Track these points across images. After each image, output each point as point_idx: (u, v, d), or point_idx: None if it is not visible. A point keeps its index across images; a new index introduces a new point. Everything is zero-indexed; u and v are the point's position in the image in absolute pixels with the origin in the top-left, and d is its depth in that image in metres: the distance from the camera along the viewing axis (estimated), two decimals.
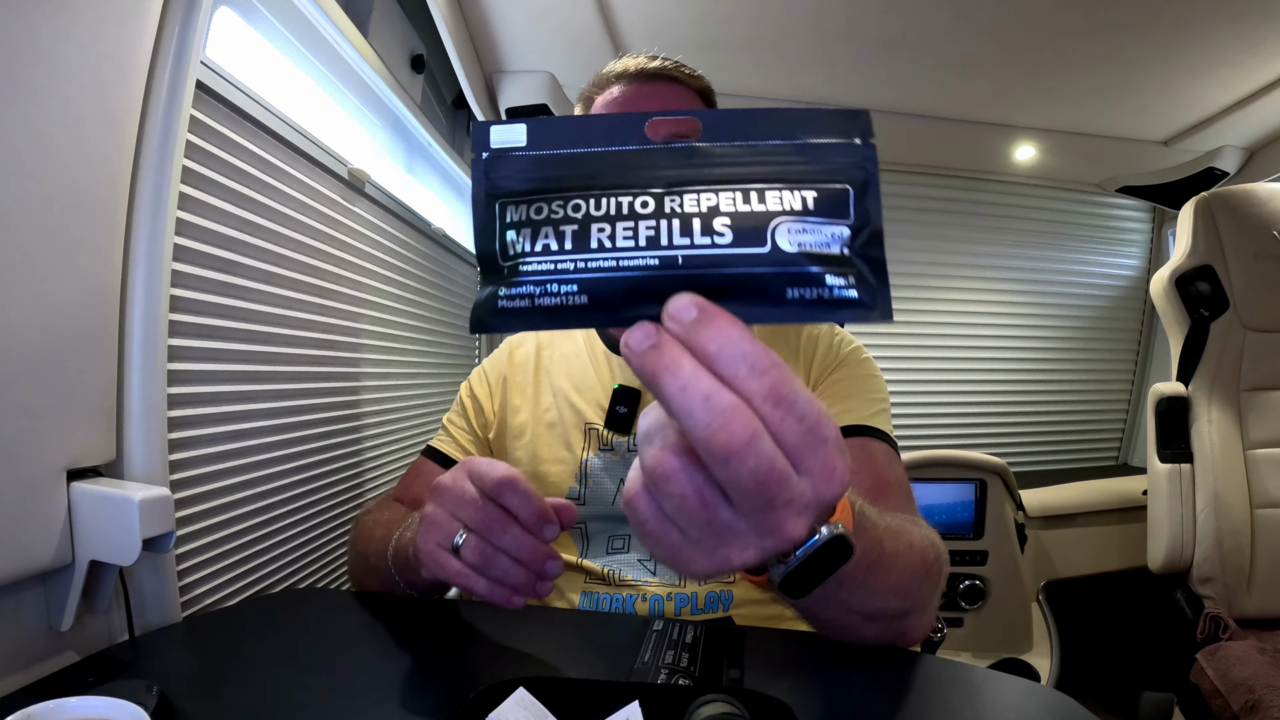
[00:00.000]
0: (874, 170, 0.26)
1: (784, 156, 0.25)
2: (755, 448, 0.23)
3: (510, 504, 0.46)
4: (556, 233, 0.25)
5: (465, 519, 0.47)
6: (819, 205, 0.25)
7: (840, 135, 0.26)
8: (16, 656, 0.50)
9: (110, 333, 0.56)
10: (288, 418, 0.84)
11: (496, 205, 0.26)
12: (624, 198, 0.25)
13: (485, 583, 0.47)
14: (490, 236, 0.26)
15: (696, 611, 0.69)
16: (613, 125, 0.26)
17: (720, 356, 0.23)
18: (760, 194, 0.25)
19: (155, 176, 0.59)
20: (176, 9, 0.60)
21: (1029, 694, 0.49)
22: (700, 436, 0.23)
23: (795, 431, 0.23)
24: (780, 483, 0.23)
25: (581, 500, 0.73)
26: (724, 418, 0.22)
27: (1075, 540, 1.71)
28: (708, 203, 0.25)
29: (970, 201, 2.10)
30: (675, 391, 0.23)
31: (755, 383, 0.23)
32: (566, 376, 0.78)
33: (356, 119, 1.11)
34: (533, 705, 0.41)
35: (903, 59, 1.41)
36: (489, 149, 0.26)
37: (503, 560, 0.46)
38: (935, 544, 0.55)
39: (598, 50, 1.34)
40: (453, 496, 0.48)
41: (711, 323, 0.23)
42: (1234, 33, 1.24)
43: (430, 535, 0.48)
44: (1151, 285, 1.46)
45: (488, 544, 0.46)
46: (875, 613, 0.49)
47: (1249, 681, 1.07)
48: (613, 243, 0.25)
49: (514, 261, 0.26)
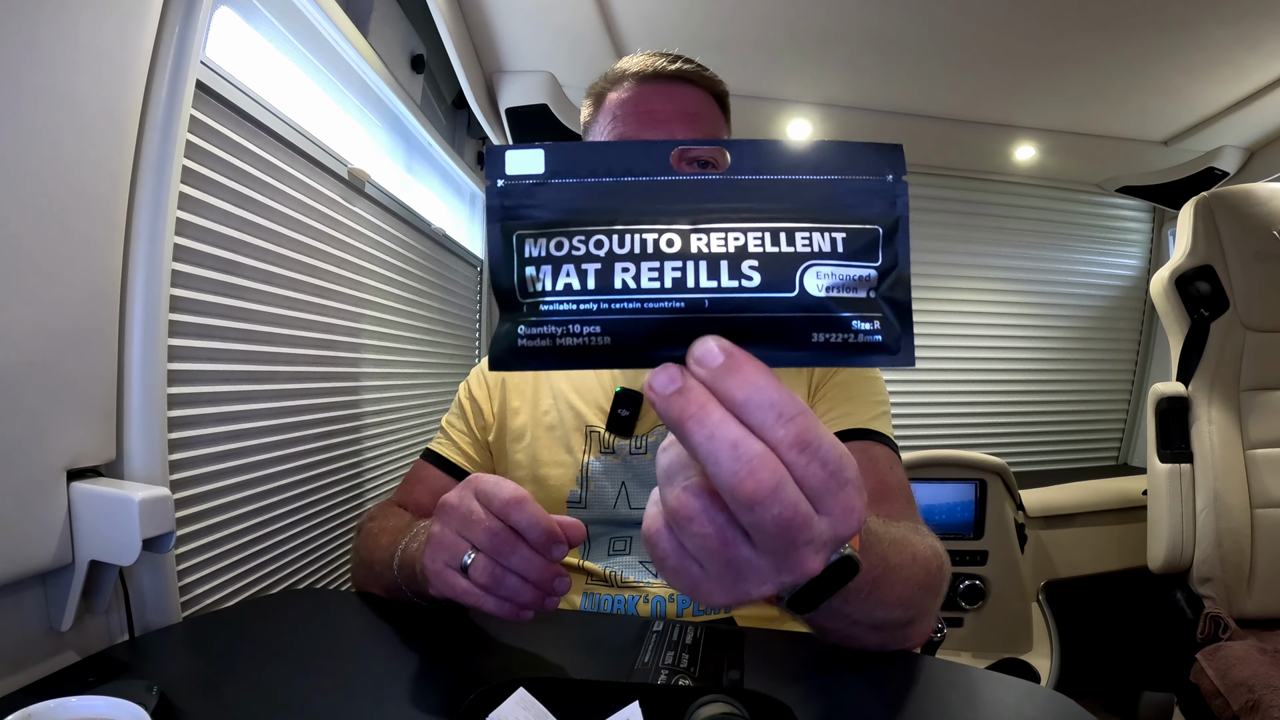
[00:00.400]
0: (904, 210, 0.25)
1: (814, 192, 0.25)
2: (780, 495, 0.23)
3: (518, 524, 0.46)
4: (579, 271, 0.24)
5: (473, 539, 0.47)
6: (847, 247, 0.24)
7: (873, 172, 0.25)
8: (16, 656, 0.50)
9: (110, 333, 0.56)
10: (288, 418, 0.84)
11: (514, 237, 0.25)
12: (649, 234, 0.24)
13: (494, 601, 0.47)
14: (508, 271, 0.25)
15: (699, 612, 0.69)
16: (636, 153, 0.25)
17: (748, 405, 0.23)
18: (790, 235, 0.24)
19: (155, 176, 0.59)
20: (176, 9, 0.60)
21: (1029, 695, 0.49)
22: (727, 484, 0.23)
23: (819, 476, 0.24)
24: (803, 526, 0.24)
25: (583, 503, 0.73)
26: (750, 466, 0.22)
27: (1075, 540, 1.71)
28: (735, 243, 0.24)
29: (970, 201, 2.10)
30: (703, 439, 0.23)
31: (782, 430, 0.23)
32: (566, 378, 0.78)
33: (356, 119, 1.11)
34: (533, 705, 0.41)
35: (903, 59, 1.41)
36: (505, 176, 0.25)
37: (511, 580, 0.46)
38: (938, 553, 0.55)
39: (598, 50, 1.34)
40: (459, 516, 0.47)
41: (740, 370, 0.23)
42: (1234, 33, 1.24)
43: (438, 555, 0.48)
44: (1151, 285, 1.46)
45: (496, 564, 0.46)
46: (880, 623, 0.50)
47: (1249, 681, 1.07)
48: (638, 283, 0.24)
49: (534, 299, 0.25)
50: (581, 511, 0.73)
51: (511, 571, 0.46)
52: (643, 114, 0.70)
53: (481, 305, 1.76)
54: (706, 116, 0.72)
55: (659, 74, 0.71)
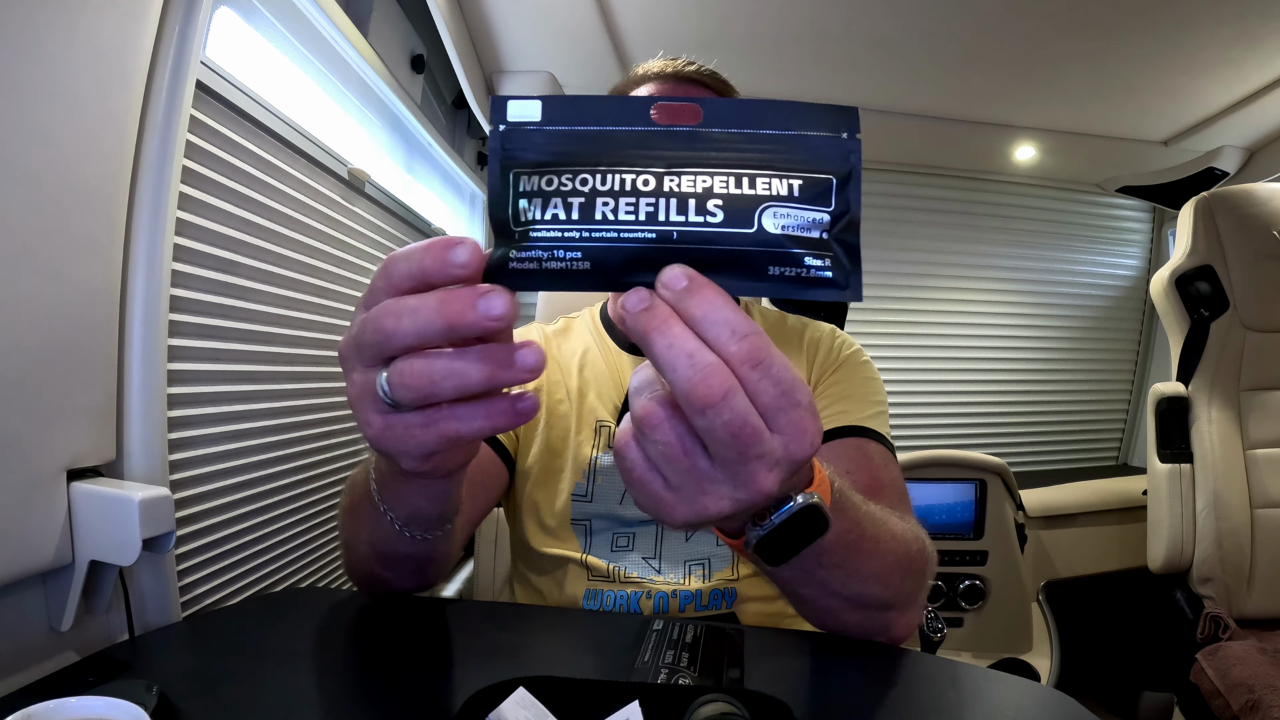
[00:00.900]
0: (857, 163, 0.28)
1: (776, 145, 0.28)
2: (730, 402, 0.26)
3: (400, 276, 0.29)
4: (565, 204, 0.27)
5: (373, 352, 0.29)
6: (803, 193, 0.27)
7: (830, 130, 0.28)
8: (16, 656, 0.50)
9: (110, 333, 0.56)
10: (288, 418, 0.84)
11: (510, 174, 0.28)
12: (627, 175, 0.27)
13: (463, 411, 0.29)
14: (504, 203, 0.28)
15: (701, 609, 0.69)
16: (621, 106, 0.28)
17: (704, 321, 0.26)
18: (751, 179, 0.27)
19: (155, 176, 0.59)
20: (176, 9, 0.60)
21: (1029, 694, 0.49)
22: (682, 389, 0.26)
23: (770, 393, 0.26)
24: (753, 437, 0.26)
25: (588, 497, 0.73)
26: (704, 374, 0.25)
27: (1075, 540, 1.71)
28: (703, 184, 0.27)
29: (970, 201, 2.10)
30: (663, 349, 0.26)
31: (735, 346, 0.26)
32: (579, 372, 0.78)
33: (356, 119, 1.11)
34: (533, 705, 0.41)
35: (903, 59, 1.41)
36: (506, 122, 0.28)
37: (440, 361, 0.28)
38: (920, 538, 0.55)
39: (598, 50, 1.34)
40: (349, 345, 0.31)
41: (699, 291, 0.26)
42: (1234, 33, 1.24)
43: (362, 409, 0.31)
44: (1151, 285, 1.46)
45: (413, 360, 0.28)
46: (856, 597, 0.49)
47: (1249, 681, 1.07)
48: (615, 216, 0.27)
49: (524, 227, 0.27)
50: (587, 505, 0.73)
51: (430, 345, 0.28)
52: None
53: None
54: None
55: (679, 75, 0.76)
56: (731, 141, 0.28)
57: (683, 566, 0.71)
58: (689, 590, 0.69)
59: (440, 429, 0.30)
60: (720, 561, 0.71)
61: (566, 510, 0.73)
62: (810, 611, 0.52)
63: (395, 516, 0.45)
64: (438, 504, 0.45)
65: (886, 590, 0.50)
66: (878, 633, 0.54)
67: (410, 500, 0.44)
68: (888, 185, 2.04)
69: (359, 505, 0.51)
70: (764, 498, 0.28)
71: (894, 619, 0.53)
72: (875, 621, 0.53)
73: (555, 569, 0.73)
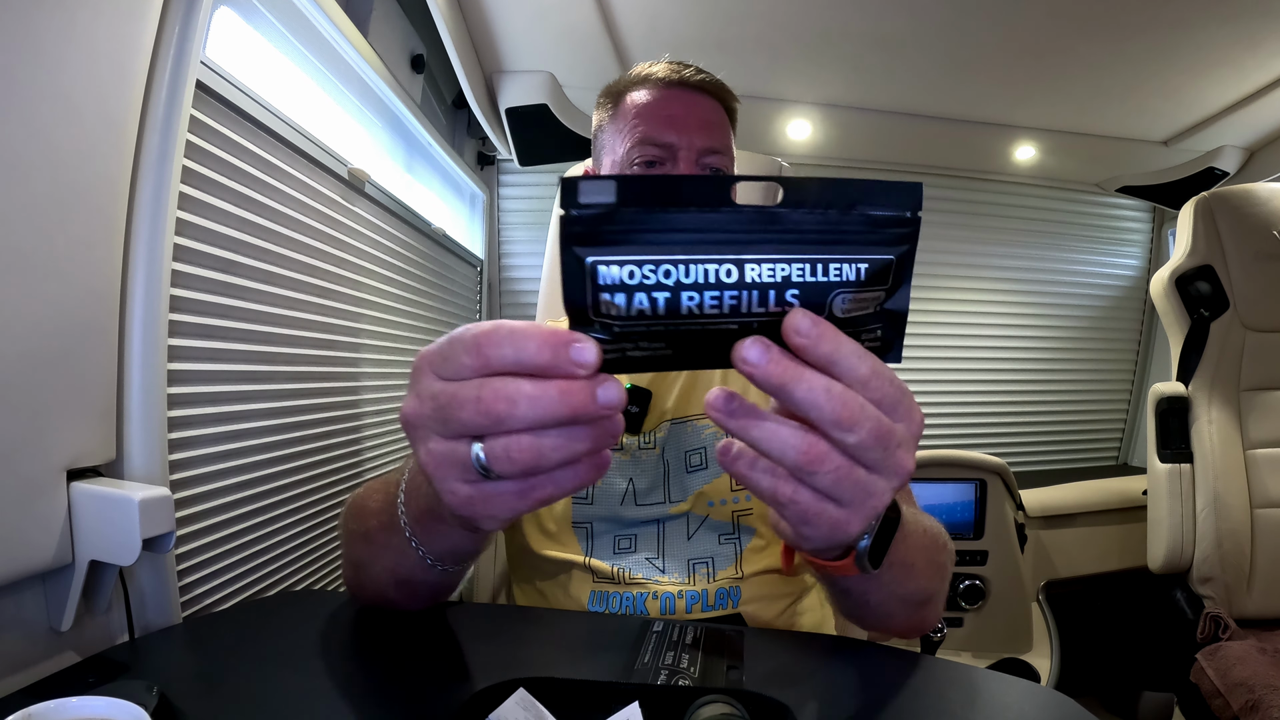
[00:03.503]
0: (915, 241, 0.30)
1: (848, 226, 0.29)
2: (867, 412, 0.30)
3: (504, 359, 0.29)
4: (649, 299, 0.27)
5: (463, 425, 0.30)
6: (868, 275, 0.29)
7: (896, 208, 0.29)
8: (16, 656, 0.50)
9: (110, 333, 0.56)
10: (288, 418, 0.84)
11: (588, 263, 0.27)
12: (710, 266, 0.27)
13: (557, 478, 0.32)
14: (582, 291, 0.27)
15: (708, 608, 0.69)
16: (701, 186, 0.27)
17: (837, 355, 0.29)
18: (824, 266, 0.29)
19: (155, 176, 0.59)
20: (176, 9, 0.60)
21: (1029, 694, 0.49)
22: (830, 419, 0.29)
23: (886, 392, 0.31)
24: (889, 432, 0.31)
25: (589, 499, 0.73)
26: (843, 401, 0.29)
27: (1075, 540, 1.71)
28: (782, 273, 0.28)
29: (970, 201, 2.10)
30: (804, 392, 0.29)
31: (862, 369, 0.30)
32: None
33: (356, 119, 1.11)
34: (533, 705, 0.41)
35: (903, 59, 1.41)
36: (578, 205, 0.27)
37: (549, 437, 0.30)
38: (941, 530, 0.58)
39: (598, 50, 1.34)
40: (430, 414, 0.31)
41: (832, 335, 0.29)
42: (1234, 33, 1.24)
43: (445, 478, 0.32)
44: (1151, 285, 1.46)
45: (517, 434, 0.30)
46: (909, 595, 0.52)
47: (1249, 681, 1.07)
48: (700, 310, 0.28)
49: (608, 320, 0.28)
50: (588, 508, 0.73)
51: (542, 427, 0.30)
52: (666, 117, 0.73)
53: (481, 305, 1.76)
54: (721, 126, 0.76)
55: (684, 82, 0.75)
56: (807, 224, 0.28)
57: (686, 566, 0.71)
58: (695, 590, 0.69)
59: (536, 496, 0.32)
60: (724, 561, 0.71)
61: (567, 513, 0.73)
62: (874, 618, 0.54)
63: (428, 551, 0.45)
64: (480, 542, 0.46)
65: (929, 584, 0.53)
66: (916, 627, 0.56)
67: (452, 540, 0.44)
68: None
69: (377, 534, 0.50)
70: (909, 475, 0.33)
71: (929, 612, 0.56)
72: (916, 616, 0.55)
73: (559, 572, 0.72)
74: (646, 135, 0.73)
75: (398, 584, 0.52)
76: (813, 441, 0.30)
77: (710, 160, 0.74)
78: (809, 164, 1.93)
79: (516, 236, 1.89)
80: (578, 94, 1.52)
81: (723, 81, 0.78)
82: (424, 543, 0.44)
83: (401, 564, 0.49)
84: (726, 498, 0.73)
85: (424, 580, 0.50)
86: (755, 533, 0.72)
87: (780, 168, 1.16)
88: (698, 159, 0.73)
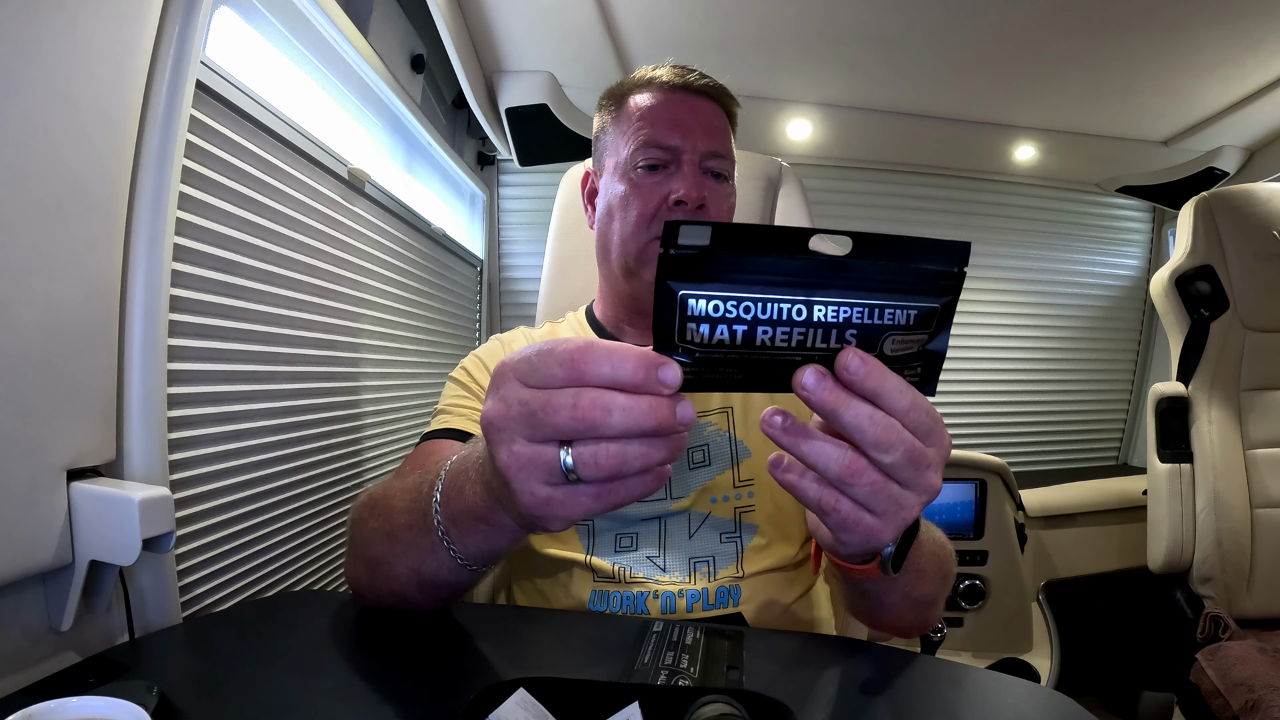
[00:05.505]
0: (959, 292, 0.34)
1: (905, 277, 0.33)
2: (903, 437, 0.35)
3: (600, 374, 0.33)
4: (729, 330, 0.32)
5: (554, 430, 0.33)
6: (915, 320, 0.34)
7: (945, 264, 0.33)
8: (16, 656, 0.50)
9: (110, 333, 0.56)
10: (288, 418, 0.84)
11: (679, 295, 0.31)
12: (785, 304, 0.32)
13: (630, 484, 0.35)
14: (671, 319, 0.32)
15: (709, 607, 0.69)
16: (784, 236, 0.31)
17: (883, 388, 0.34)
18: (880, 310, 0.33)
19: (155, 176, 0.59)
20: (176, 9, 0.60)
21: (1029, 694, 0.49)
22: (871, 441, 0.35)
23: (921, 421, 0.36)
24: (921, 455, 0.36)
25: None
26: (884, 428, 0.35)
27: (1075, 540, 1.71)
28: (844, 315, 0.33)
29: (970, 201, 2.10)
30: (851, 417, 0.34)
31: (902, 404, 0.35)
32: None
33: (356, 119, 1.11)
34: (533, 706, 0.41)
35: (903, 59, 1.41)
36: (677, 245, 0.30)
37: (632, 446, 0.33)
38: (948, 541, 0.61)
39: (598, 50, 1.34)
40: (518, 417, 0.34)
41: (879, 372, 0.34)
42: (1234, 32, 1.24)
43: (527, 481, 0.34)
44: (1151, 285, 1.46)
45: (605, 442, 0.33)
46: (921, 596, 0.55)
47: (1249, 681, 1.07)
48: (772, 343, 0.32)
49: (690, 345, 0.32)
50: None
51: (627, 437, 0.33)
52: (671, 120, 0.74)
53: (481, 305, 1.76)
54: (723, 130, 0.78)
55: (688, 86, 0.77)
56: (870, 273, 0.32)
57: (687, 564, 0.71)
58: (695, 589, 0.69)
59: (610, 500, 0.35)
60: (724, 559, 0.71)
61: None
62: (886, 618, 0.57)
63: (460, 551, 0.46)
64: (516, 544, 0.47)
65: (936, 588, 0.56)
66: (919, 627, 0.59)
67: (492, 540, 0.45)
68: (888, 185, 2.04)
69: (404, 532, 0.50)
70: (937, 493, 0.38)
71: (933, 613, 0.59)
72: (922, 617, 0.58)
73: (559, 571, 0.72)
74: (651, 138, 0.73)
75: (421, 583, 0.52)
76: (853, 458, 0.35)
77: (712, 164, 0.75)
78: (809, 164, 1.93)
79: (516, 236, 1.89)
80: (578, 94, 1.52)
81: (724, 86, 0.79)
82: (457, 541, 0.46)
83: (428, 563, 0.50)
84: (729, 493, 0.73)
85: (449, 580, 0.51)
86: (757, 530, 0.72)
87: (780, 167, 1.16)
88: (700, 162, 0.73)
